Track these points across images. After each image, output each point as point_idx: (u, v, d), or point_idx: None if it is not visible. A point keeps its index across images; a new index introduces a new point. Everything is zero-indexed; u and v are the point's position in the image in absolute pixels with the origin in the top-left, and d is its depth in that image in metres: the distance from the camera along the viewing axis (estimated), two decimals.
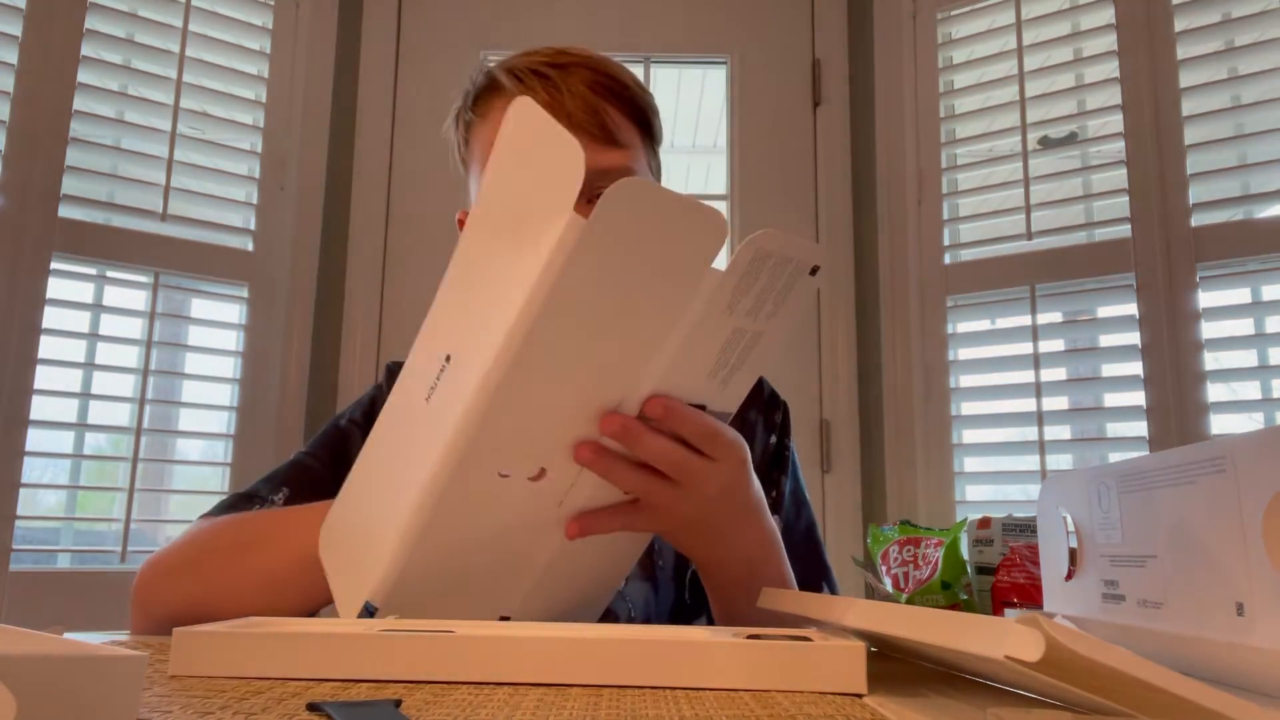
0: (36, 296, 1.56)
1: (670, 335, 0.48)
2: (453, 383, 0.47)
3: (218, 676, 0.40)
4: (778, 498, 0.81)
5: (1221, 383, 1.56)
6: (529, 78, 0.73)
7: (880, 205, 1.87)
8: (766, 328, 0.50)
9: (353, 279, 1.85)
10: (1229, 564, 0.41)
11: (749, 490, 0.59)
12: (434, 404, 0.48)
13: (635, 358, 0.48)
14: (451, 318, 0.50)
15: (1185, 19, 1.63)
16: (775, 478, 0.82)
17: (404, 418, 0.51)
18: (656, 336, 0.48)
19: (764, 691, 0.39)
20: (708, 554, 0.61)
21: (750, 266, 0.47)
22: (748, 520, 0.60)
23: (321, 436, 0.80)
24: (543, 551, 0.53)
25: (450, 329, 0.49)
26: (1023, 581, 0.93)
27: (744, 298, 0.48)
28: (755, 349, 0.51)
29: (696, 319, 0.47)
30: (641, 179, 0.44)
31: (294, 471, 0.76)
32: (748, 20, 1.96)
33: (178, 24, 1.73)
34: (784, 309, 0.50)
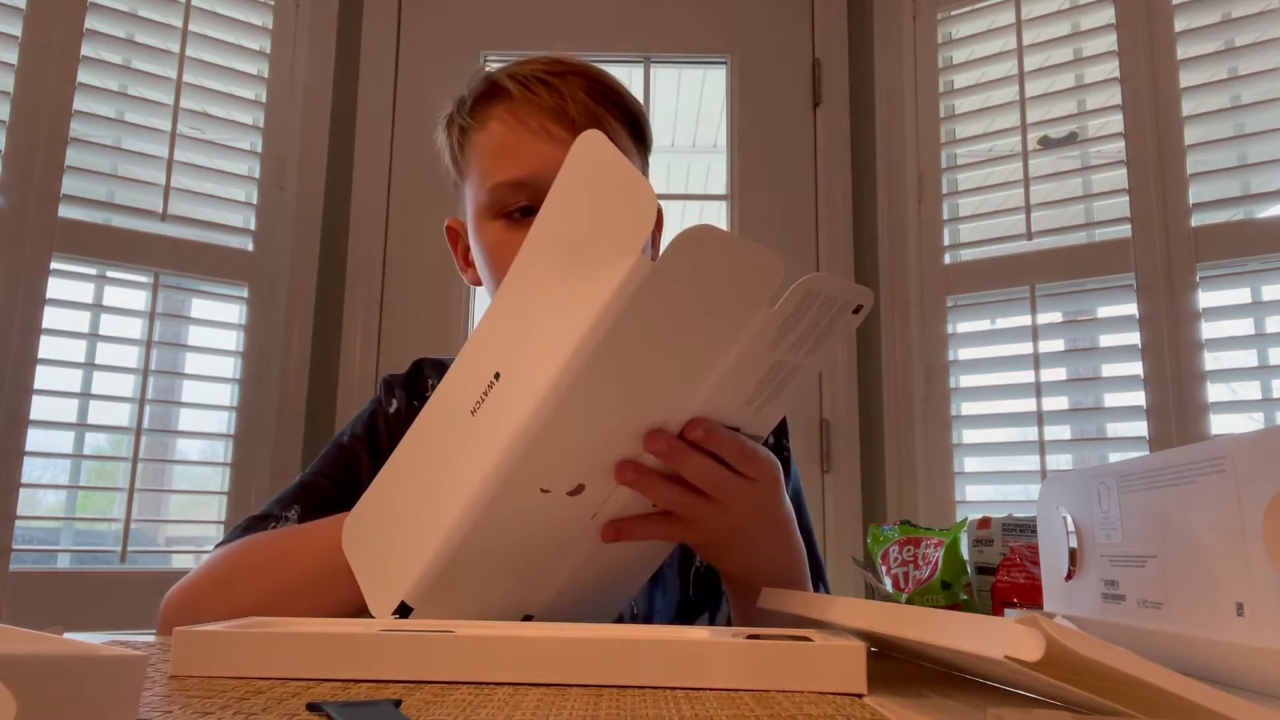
0: (36, 296, 1.56)
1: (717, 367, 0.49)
2: (502, 401, 0.49)
3: (218, 676, 0.40)
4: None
5: (1221, 383, 1.56)
6: (533, 84, 0.74)
7: (880, 205, 1.87)
8: (805, 363, 0.52)
9: (353, 279, 1.85)
10: (1229, 564, 0.41)
11: (780, 508, 0.62)
12: (480, 419, 0.50)
13: (683, 387, 0.49)
14: (503, 336, 0.51)
15: (1185, 19, 1.63)
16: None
17: (444, 427, 0.52)
18: (706, 369, 0.49)
19: (764, 691, 0.39)
20: (738, 565, 0.64)
21: (798, 306, 0.48)
22: (777, 535, 0.63)
23: (326, 456, 0.80)
24: (573, 556, 0.55)
25: (501, 347, 0.50)
26: (1023, 581, 0.93)
27: (789, 334, 0.50)
28: (791, 381, 0.53)
29: (742, 353, 0.49)
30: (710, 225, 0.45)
31: (303, 492, 0.76)
32: (748, 20, 1.96)
33: (178, 24, 1.73)
34: (823, 345, 0.52)
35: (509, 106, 0.75)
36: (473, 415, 0.50)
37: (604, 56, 1.94)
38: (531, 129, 0.73)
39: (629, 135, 0.77)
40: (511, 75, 0.75)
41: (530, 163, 0.73)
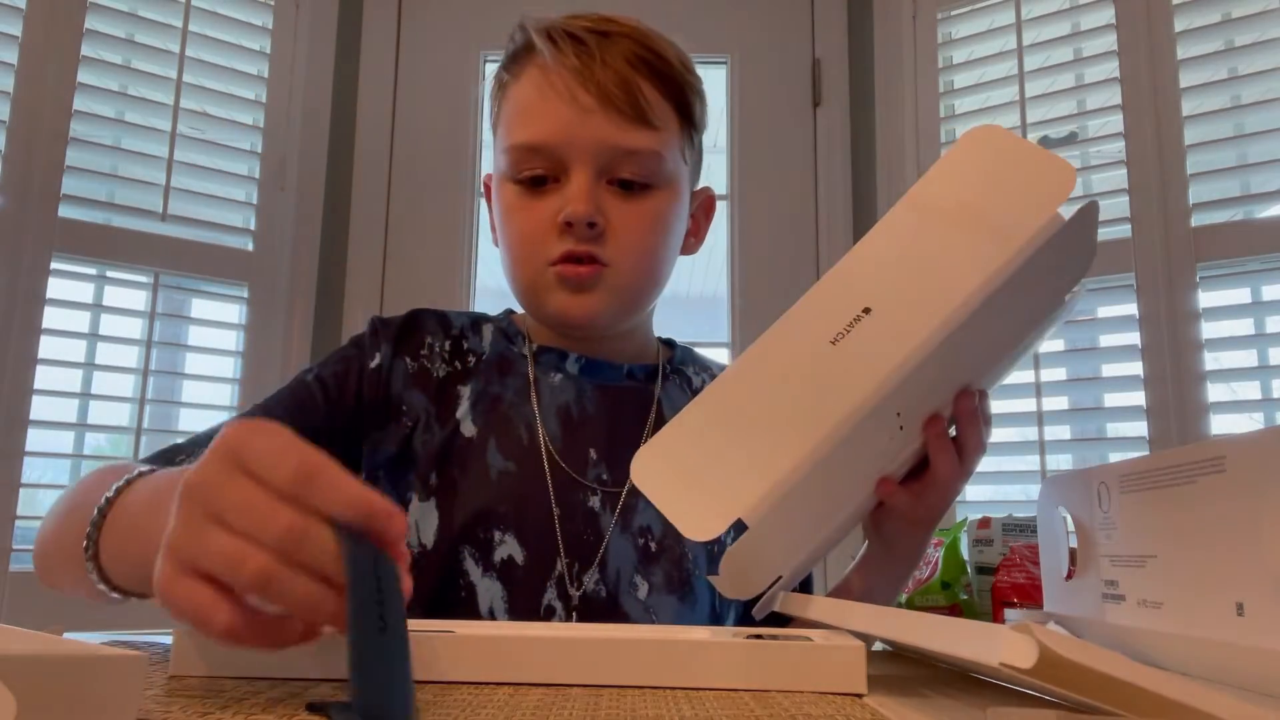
0: (36, 296, 1.56)
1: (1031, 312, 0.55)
2: (874, 333, 0.52)
3: (218, 676, 0.40)
4: None
5: (1221, 383, 1.56)
6: (563, 40, 0.69)
7: (880, 205, 1.86)
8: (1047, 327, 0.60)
9: (353, 279, 1.85)
10: (1229, 564, 0.41)
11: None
12: (844, 348, 0.52)
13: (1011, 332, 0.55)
14: (873, 277, 0.53)
15: (1185, 19, 1.63)
16: None
17: (797, 353, 0.53)
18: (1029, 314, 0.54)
19: (764, 691, 0.39)
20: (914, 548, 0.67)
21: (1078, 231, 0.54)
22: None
23: (285, 391, 0.73)
24: (852, 504, 0.58)
25: (871, 287, 0.53)
26: (1023, 581, 0.93)
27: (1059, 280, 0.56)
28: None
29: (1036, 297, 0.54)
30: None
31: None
32: (748, 20, 1.96)
33: (178, 24, 1.73)
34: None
35: (540, 63, 0.70)
36: (833, 345, 0.52)
37: None
38: (556, 90, 0.69)
39: (673, 109, 0.72)
40: (548, 29, 0.71)
41: (548, 126, 0.69)
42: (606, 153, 0.69)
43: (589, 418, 0.73)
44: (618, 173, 0.70)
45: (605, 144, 0.68)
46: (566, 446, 0.72)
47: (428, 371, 0.74)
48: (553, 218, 0.69)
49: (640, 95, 0.69)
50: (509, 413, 0.73)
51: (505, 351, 0.77)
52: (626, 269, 0.70)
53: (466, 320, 0.79)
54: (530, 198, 0.71)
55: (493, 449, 0.71)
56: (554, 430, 0.72)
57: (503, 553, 0.68)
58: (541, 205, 0.70)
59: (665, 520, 0.69)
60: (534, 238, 0.70)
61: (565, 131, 0.68)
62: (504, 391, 0.74)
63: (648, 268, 0.72)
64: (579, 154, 0.68)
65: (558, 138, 0.68)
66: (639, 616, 0.69)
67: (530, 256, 0.71)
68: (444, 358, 0.75)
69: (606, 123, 0.68)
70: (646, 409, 0.75)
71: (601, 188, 0.70)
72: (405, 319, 0.77)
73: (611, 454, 0.72)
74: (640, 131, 0.69)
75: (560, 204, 0.69)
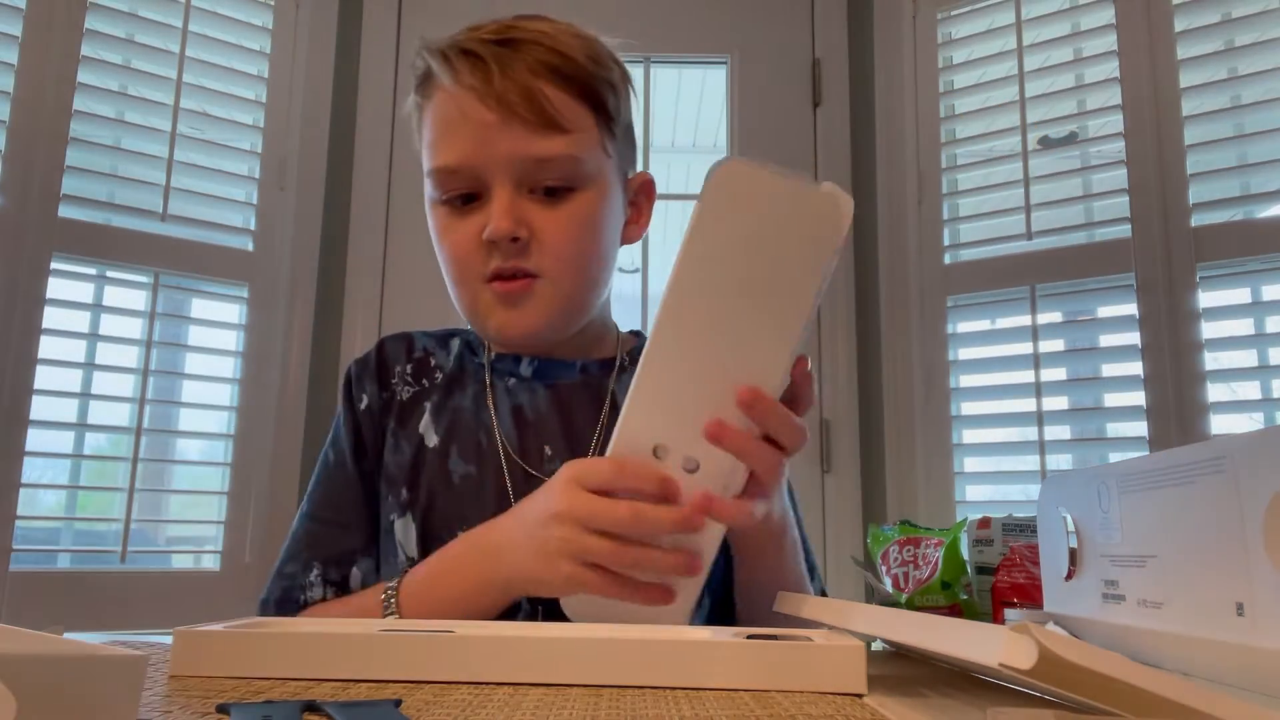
0: (36, 296, 1.56)
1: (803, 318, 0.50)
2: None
3: (218, 676, 0.40)
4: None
5: (1221, 383, 1.56)
6: (459, 59, 0.69)
7: (880, 205, 1.86)
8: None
9: (353, 279, 1.85)
10: (1229, 564, 0.41)
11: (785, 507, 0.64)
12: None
13: (775, 340, 0.51)
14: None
15: (1185, 19, 1.63)
16: None
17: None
18: (793, 320, 0.50)
19: (764, 691, 0.39)
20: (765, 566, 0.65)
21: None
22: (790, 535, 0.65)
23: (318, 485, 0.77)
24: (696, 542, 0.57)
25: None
26: (1023, 581, 0.93)
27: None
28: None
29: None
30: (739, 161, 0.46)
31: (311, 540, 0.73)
32: (748, 20, 1.96)
33: (178, 24, 1.73)
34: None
35: (443, 84, 0.70)
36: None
37: None
38: (461, 110, 0.69)
39: (585, 106, 0.71)
40: (443, 50, 0.70)
41: (459, 147, 0.69)
42: (519, 164, 0.69)
43: (542, 416, 0.75)
44: (538, 181, 0.70)
45: (516, 156, 0.68)
46: (522, 445, 0.74)
47: (395, 396, 0.78)
48: (479, 235, 0.69)
49: (545, 101, 0.68)
50: (468, 419, 0.75)
51: (466, 364, 0.79)
52: (559, 276, 0.71)
53: (432, 339, 0.82)
54: (457, 218, 0.71)
55: (454, 455, 0.74)
56: (509, 431, 0.74)
57: None
58: (467, 224, 0.71)
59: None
60: (464, 257, 0.71)
61: (476, 151, 0.68)
62: (462, 400, 0.77)
63: (581, 271, 0.72)
64: (494, 170, 0.69)
65: (470, 158, 0.69)
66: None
67: (464, 276, 0.72)
68: (407, 380, 0.79)
69: (513, 135, 0.68)
70: (600, 402, 0.76)
71: (524, 198, 0.70)
72: (376, 353, 0.80)
73: (567, 449, 0.74)
74: (550, 138, 0.68)
75: (484, 221, 0.69)
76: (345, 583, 0.72)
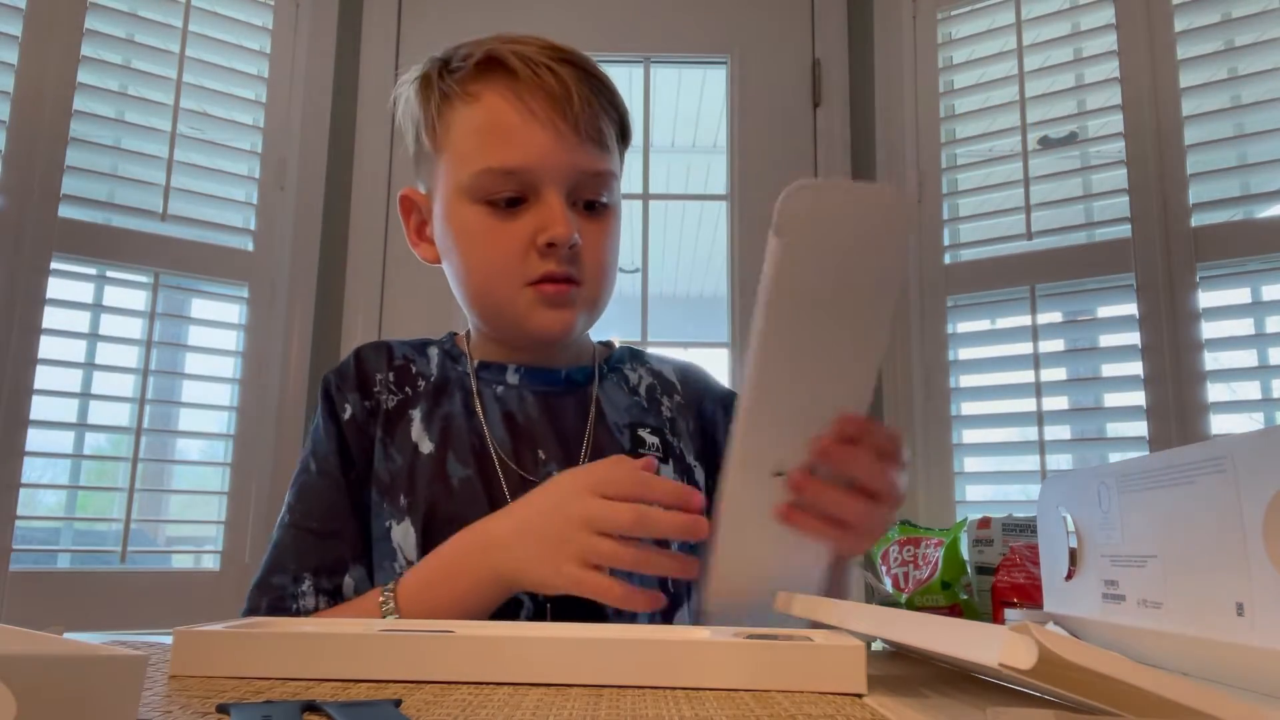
0: (36, 296, 1.56)
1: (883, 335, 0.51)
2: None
3: (218, 676, 0.40)
4: None
5: (1221, 383, 1.56)
6: (539, 68, 0.71)
7: None
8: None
9: (353, 279, 1.85)
10: (1229, 564, 0.41)
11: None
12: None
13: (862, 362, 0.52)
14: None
15: (1185, 19, 1.63)
16: None
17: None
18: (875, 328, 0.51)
19: (764, 691, 0.39)
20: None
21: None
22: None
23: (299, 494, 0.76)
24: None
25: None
26: (1023, 581, 0.93)
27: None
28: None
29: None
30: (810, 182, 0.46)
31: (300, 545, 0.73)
32: (748, 20, 1.96)
33: (178, 24, 1.73)
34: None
35: (511, 85, 0.71)
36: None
37: (604, 56, 1.93)
38: (536, 115, 0.70)
39: (615, 129, 0.76)
40: (515, 53, 0.71)
41: (530, 152, 0.70)
42: (579, 177, 0.72)
43: (532, 421, 0.76)
44: (583, 194, 0.73)
45: (579, 169, 0.71)
46: (515, 450, 0.75)
47: (380, 405, 0.77)
48: (528, 238, 0.71)
49: (603, 122, 0.72)
50: (459, 425, 0.76)
51: (450, 373, 0.80)
52: (594, 285, 0.74)
53: (409, 348, 0.83)
54: (501, 219, 0.71)
55: (451, 459, 0.74)
56: (501, 436, 0.75)
57: None
58: (516, 226, 0.71)
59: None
60: (509, 259, 0.72)
61: (543, 158, 0.70)
62: (452, 408, 0.77)
63: (609, 282, 0.77)
64: (554, 178, 0.71)
65: (536, 163, 0.70)
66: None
67: (505, 278, 0.72)
68: (390, 388, 0.78)
69: (582, 151, 0.71)
70: (587, 408, 0.78)
71: (570, 209, 0.72)
72: (354, 363, 0.80)
73: (559, 454, 0.75)
74: (602, 156, 0.73)
75: (535, 225, 0.71)
76: (338, 591, 0.71)
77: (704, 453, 0.81)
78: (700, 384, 0.85)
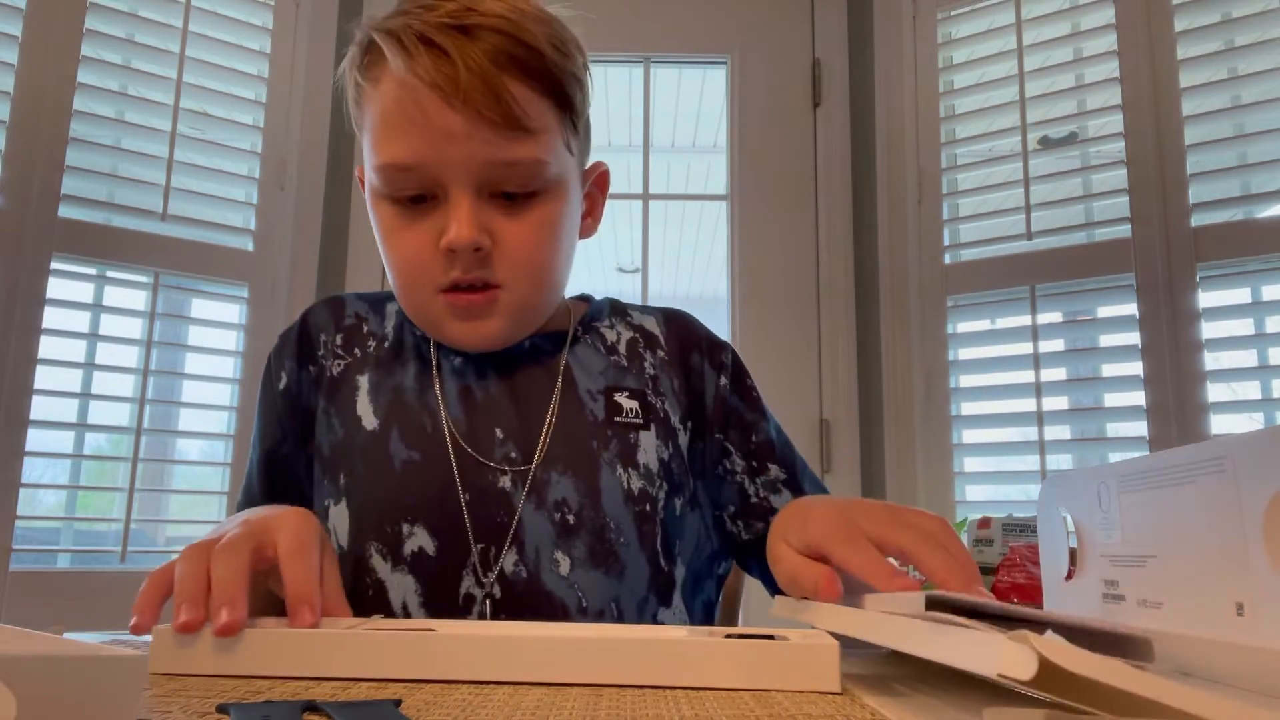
0: (36, 296, 1.56)
1: None
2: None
3: (197, 675, 0.40)
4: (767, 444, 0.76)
5: (1221, 383, 1.56)
6: (417, 49, 0.61)
7: (880, 205, 1.86)
8: None
9: (353, 279, 1.85)
10: (1229, 564, 0.41)
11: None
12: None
13: None
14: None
15: (1185, 19, 1.63)
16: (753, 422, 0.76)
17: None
18: None
19: (765, 691, 0.39)
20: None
21: None
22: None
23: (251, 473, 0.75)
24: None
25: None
26: (1023, 581, 0.93)
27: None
28: None
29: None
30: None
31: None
32: (748, 20, 1.96)
33: (178, 24, 1.73)
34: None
35: (404, 66, 0.62)
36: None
37: (604, 56, 1.94)
38: (420, 104, 0.61)
39: (550, 103, 0.65)
40: (399, 34, 0.62)
41: (416, 147, 0.62)
42: (484, 169, 0.63)
43: (492, 397, 0.70)
44: (500, 186, 0.64)
45: (481, 161, 0.63)
46: (471, 429, 0.69)
47: (324, 370, 0.73)
48: (435, 241, 0.64)
49: (512, 102, 0.62)
50: (410, 400, 0.70)
51: (407, 336, 0.74)
52: (521, 287, 0.66)
53: (364, 304, 0.77)
54: (408, 218, 0.65)
55: (395, 440, 0.69)
56: (457, 414, 0.69)
57: (413, 545, 0.66)
58: (421, 228, 0.65)
59: (582, 490, 0.67)
60: (418, 262, 0.65)
61: (434, 152, 0.62)
62: (404, 379, 0.71)
63: (543, 281, 0.68)
64: (453, 174, 0.63)
65: (427, 159, 0.62)
66: (564, 593, 0.65)
67: (416, 283, 0.66)
68: (336, 352, 0.74)
69: (478, 138, 0.62)
70: (554, 378, 0.72)
71: (484, 204, 0.64)
72: (299, 325, 0.75)
73: (519, 431, 0.69)
74: (517, 141, 0.63)
75: (440, 225, 0.64)
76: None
77: (691, 411, 0.74)
78: (686, 333, 0.78)
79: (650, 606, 0.68)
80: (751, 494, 0.75)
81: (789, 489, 0.75)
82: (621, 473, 0.69)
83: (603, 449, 0.69)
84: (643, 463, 0.70)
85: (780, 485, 0.75)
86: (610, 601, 0.66)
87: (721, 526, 0.76)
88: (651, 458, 0.70)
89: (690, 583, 0.74)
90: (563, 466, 0.68)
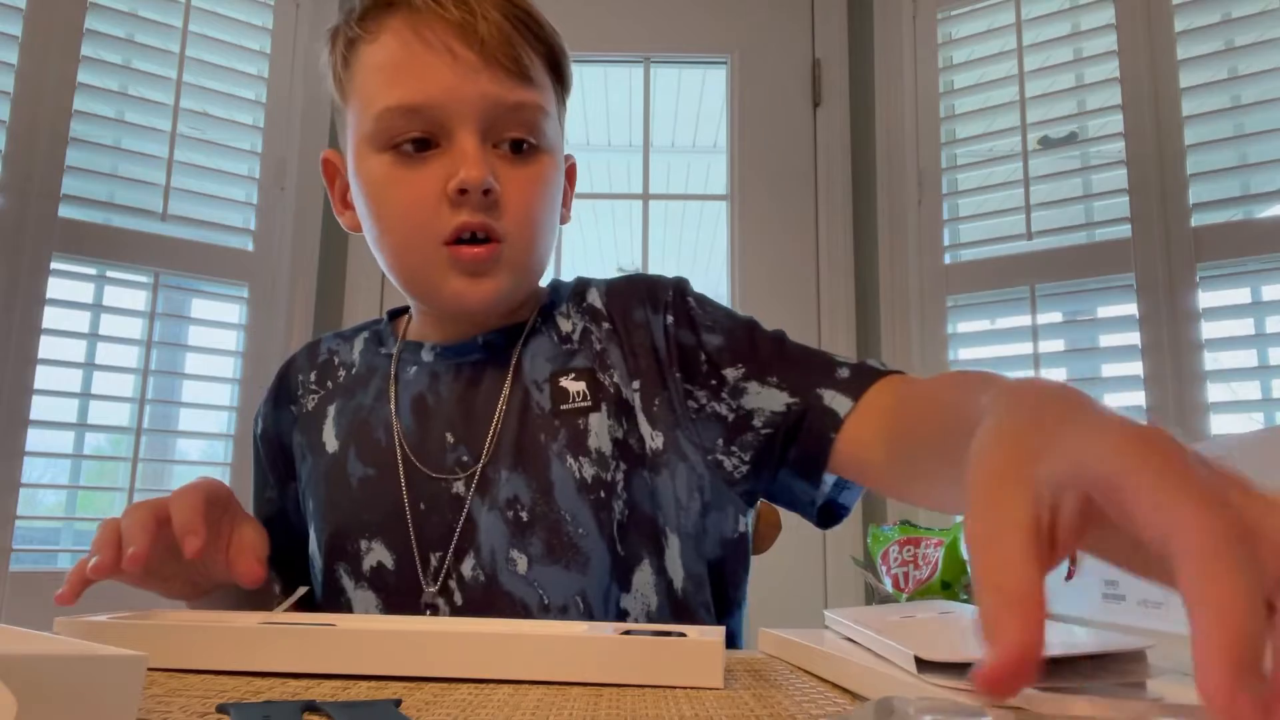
0: (36, 296, 1.56)
1: None
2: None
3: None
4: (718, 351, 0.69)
5: (1221, 383, 1.56)
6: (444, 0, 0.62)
7: (880, 205, 1.86)
8: None
9: (353, 279, 1.85)
10: None
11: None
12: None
13: None
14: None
15: (1185, 19, 1.63)
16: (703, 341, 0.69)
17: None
18: None
19: (763, 691, 0.39)
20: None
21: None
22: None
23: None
24: None
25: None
26: None
27: None
28: None
29: None
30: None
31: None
32: (748, 20, 1.96)
33: (178, 24, 1.73)
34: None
35: (407, 17, 0.63)
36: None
37: (604, 56, 1.94)
38: (432, 46, 0.62)
39: (546, 69, 0.67)
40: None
41: (428, 86, 0.62)
42: (492, 110, 0.63)
43: (444, 401, 0.70)
44: (505, 132, 0.64)
45: (490, 100, 0.62)
46: (420, 438, 0.68)
47: (302, 408, 0.75)
48: (439, 187, 0.63)
49: (522, 52, 0.64)
50: (368, 418, 0.71)
51: (373, 359, 0.75)
52: (523, 242, 0.65)
53: (338, 339, 0.79)
54: (407, 168, 0.64)
55: (352, 458, 0.70)
56: (409, 424, 0.69)
57: (371, 560, 0.67)
58: (423, 175, 0.63)
59: (533, 486, 0.66)
60: (419, 212, 0.63)
61: (447, 90, 0.62)
62: (364, 398, 0.72)
63: (542, 240, 0.68)
64: (463, 114, 0.62)
65: (439, 97, 0.62)
66: (523, 592, 0.64)
67: (417, 235, 0.64)
68: (311, 389, 0.76)
69: (491, 79, 0.62)
70: (504, 371, 0.70)
71: (488, 151, 0.64)
72: (279, 371, 0.79)
73: (467, 433, 0.68)
74: (524, 88, 0.64)
75: (446, 171, 0.62)
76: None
77: (646, 368, 0.69)
78: (626, 294, 0.73)
79: (614, 594, 0.66)
80: (724, 413, 0.67)
81: (755, 381, 0.66)
82: (572, 462, 0.66)
83: (551, 440, 0.66)
84: (594, 447, 0.66)
85: (741, 384, 0.66)
86: (575, 595, 0.64)
87: (721, 470, 0.68)
88: (604, 440, 0.66)
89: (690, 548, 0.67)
90: (511, 463, 0.66)
